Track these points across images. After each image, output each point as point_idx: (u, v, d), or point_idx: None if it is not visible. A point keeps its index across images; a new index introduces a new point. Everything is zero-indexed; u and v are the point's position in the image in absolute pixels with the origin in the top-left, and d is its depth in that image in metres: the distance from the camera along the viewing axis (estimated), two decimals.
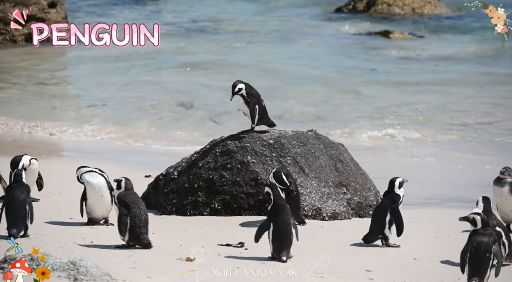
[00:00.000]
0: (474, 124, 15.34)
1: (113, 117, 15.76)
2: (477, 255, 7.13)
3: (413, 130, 14.92)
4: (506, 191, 9.06)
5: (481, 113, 15.91)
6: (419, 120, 15.61)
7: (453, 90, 17.61)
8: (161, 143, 14.15)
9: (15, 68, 19.29)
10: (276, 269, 7.15)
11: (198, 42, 22.69)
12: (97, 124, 15.19)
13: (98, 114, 15.86)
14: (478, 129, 15.07)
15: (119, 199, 8.01)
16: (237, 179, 9.56)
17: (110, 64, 19.76)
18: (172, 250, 7.95)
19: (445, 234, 9.03)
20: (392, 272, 7.65)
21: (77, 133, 14.73)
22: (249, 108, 9.56)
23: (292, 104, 16.43)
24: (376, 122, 15.44)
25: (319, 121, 15.35)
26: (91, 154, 13.02)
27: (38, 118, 15.29)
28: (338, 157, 9.89)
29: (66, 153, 13.60)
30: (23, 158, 9.43)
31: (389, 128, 15.08)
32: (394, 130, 14.97)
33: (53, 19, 21.23)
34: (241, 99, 9.57)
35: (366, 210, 9.70)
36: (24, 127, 14.82)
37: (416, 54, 21.11)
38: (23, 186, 8.25)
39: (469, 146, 14.14)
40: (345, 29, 23.99)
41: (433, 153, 13.56)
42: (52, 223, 8.84)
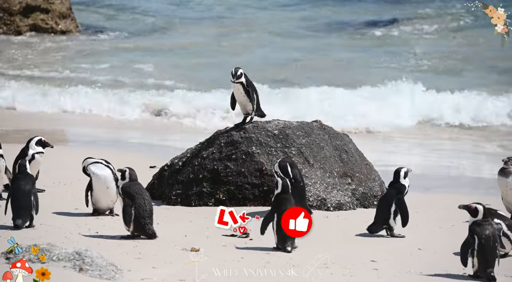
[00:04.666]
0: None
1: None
2: (487, 247, 7.15)
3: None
4: (511, 181, 9.04)
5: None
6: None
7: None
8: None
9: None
10: (277, 269, 7.15)
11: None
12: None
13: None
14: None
15: (124, 189, 8.02)
16: (242, 170, 9.56)
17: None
18: (177, 240, 7.96)
19: (450, 225, 9.02)
20: (396, 262, 7.66)
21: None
22: (250, 97, 9.53)
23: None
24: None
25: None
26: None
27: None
28: (343, 147, 9.89)
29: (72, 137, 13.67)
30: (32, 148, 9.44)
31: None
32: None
33: (58, 10, 21.21)
34: (241, 88, 9.53)
35: (371, 200, 9.70)
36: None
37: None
38: (28, 177, 8.26)
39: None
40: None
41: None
42: (57, 213, 8.86)
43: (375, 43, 21.79)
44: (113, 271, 6.77)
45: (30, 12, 20.80)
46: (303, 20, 24.04)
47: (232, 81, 9.47)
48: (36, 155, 9.49)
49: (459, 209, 7.33)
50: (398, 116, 15.57)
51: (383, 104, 15.91)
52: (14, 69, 18.88)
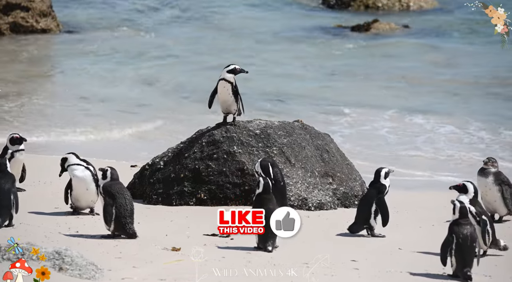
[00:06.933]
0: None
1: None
2: (465, 246, 7.19)
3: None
4: (490, 181, 9.11)
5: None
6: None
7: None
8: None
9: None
10: (277, 269, 7.16)
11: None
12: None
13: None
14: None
15: (105, 189, 8.00)
16: (223, 169, 9.55)
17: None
18: (158, 240, 7.95)
19: (430, 224, 9.06)
20: (377, 262, 7.68)
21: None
22: (239, 98, 9.52)
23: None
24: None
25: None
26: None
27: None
28: (324, 147, 9.91)
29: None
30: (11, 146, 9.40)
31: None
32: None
33: (38, 8, 21.11)
34: (230, 88, 9.52)
35: (351, 200, 9.72)
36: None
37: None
38: (8, 175, 8.21)
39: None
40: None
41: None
42: (37, 212, 8.82)
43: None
44: (93, 271, 6.75)
45: (10, 10, 20.69)
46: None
47: (246, 71, 9.38)
48: (15, 153, 9.43)
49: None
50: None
51: None
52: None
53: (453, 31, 22.65)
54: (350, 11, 25.01)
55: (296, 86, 17.31)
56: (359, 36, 22.02)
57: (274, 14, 24.62)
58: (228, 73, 9.48)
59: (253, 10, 24.96)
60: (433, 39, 21.92)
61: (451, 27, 23.02)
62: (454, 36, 22.19)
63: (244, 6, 25.18)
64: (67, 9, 23.84)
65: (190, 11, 24.74)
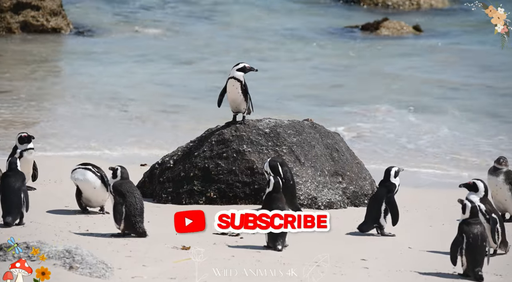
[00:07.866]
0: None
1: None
2: (475, 246, 7.18)
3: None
4: (501, 180, 9.09)
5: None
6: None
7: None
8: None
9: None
10: (276, 269, 7.15)
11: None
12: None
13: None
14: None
15: (115, 188, 8.01)
16: (233, 168, 9.56)
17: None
18: (168, 238, 7.95)
19: (440, 223, 9.05)
20: (387, 261, 7.67)
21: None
22: (248, 96, 9.51)
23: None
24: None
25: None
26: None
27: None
28: (333, 146, 9.90)
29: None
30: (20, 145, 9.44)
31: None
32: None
33: (48, 7, 21.15)
34: (239, 86, 9.50)
35: (361, 199, 9.71)
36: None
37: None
38: (18, 174, 8.24)
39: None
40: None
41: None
42: (48, 211, 8.84)
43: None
44: (103, 269, 6.76)
45: (20, 9, 20.73)
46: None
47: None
48: (24, 152, 9.46)
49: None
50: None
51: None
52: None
53: (463, 30, 22.61)
54: (360, 9, 24.99)
55: (305, 85, 17.31)
56: (369, 36, 22.00)
57: (281, 13, 24.62)
58: (238, 71, 9.48)
59: (262, 8, 24.97)
60: (443, 38, 21.88)
61: (461, 26, 22.98)
62: (464, 36, 22.15)
63: (251, 5, 25.18)
64: (77, 8, 23.89)
65: (200, 10, 24.78)
